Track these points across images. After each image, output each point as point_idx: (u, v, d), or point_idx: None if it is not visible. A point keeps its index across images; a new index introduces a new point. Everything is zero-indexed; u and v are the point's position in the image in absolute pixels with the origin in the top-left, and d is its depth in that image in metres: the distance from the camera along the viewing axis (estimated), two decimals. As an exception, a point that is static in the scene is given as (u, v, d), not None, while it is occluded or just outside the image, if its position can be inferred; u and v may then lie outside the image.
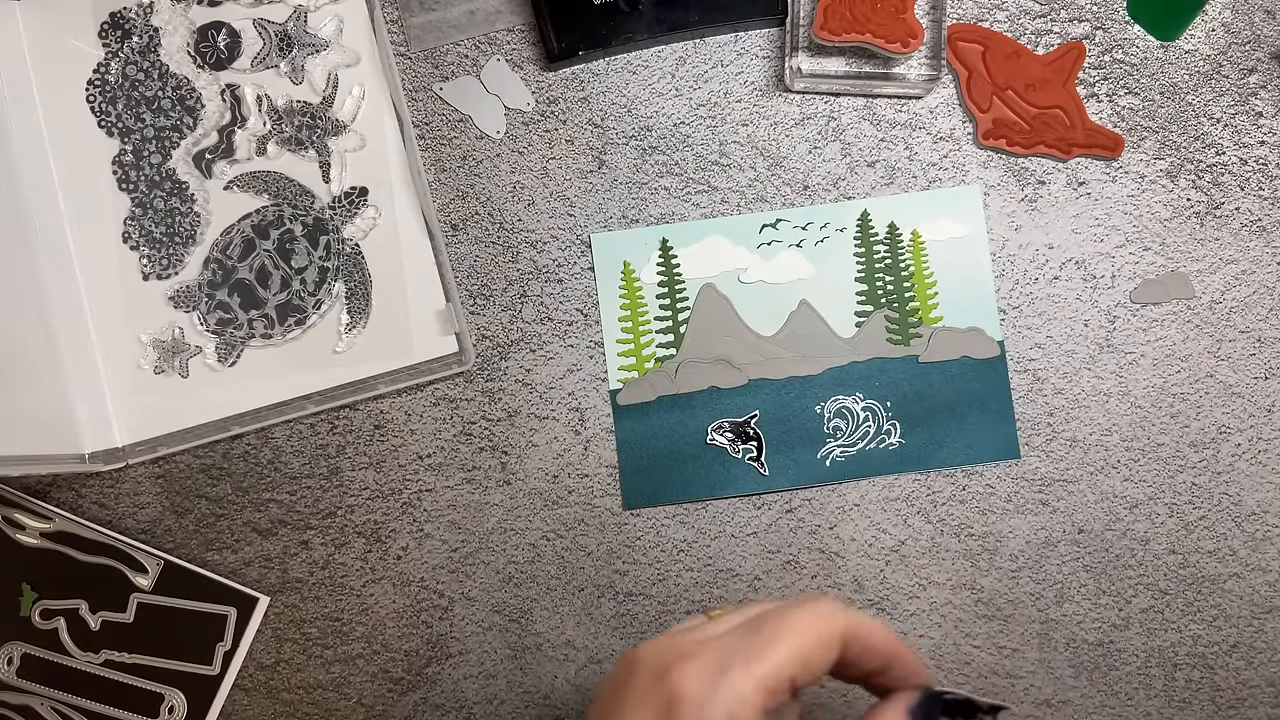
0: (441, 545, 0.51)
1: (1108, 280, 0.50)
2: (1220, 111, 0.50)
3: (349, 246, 0.51)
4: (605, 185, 0.51)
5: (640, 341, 0.51)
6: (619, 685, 0.33)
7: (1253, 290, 0.50)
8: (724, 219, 0.51)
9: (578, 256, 0.51)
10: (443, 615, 0.51)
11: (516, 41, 0.51)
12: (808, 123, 0.51)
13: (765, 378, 0.50)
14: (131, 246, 0.51)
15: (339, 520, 0.51)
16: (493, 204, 0.51)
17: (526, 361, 0.51)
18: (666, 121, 0.51)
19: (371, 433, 0.51)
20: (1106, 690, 0.49)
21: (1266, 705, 0.49)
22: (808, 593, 0.50)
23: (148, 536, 0.51)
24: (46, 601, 0.51)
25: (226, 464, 0.51)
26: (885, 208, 0.50)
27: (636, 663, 0.33)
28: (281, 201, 0.51)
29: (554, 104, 0.51)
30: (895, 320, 0.50)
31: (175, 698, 0.51)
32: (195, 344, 0.51)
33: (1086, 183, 0.50)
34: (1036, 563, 0.50)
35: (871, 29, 0.47)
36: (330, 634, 0.51)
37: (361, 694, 0.51)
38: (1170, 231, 0.50)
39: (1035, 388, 0.50)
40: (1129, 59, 0.50)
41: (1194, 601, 0.49)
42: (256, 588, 0.51)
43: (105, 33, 0.51)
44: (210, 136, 0.51)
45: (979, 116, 0.50)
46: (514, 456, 0.51)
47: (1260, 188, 0.50)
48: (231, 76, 0.51)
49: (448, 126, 0.51)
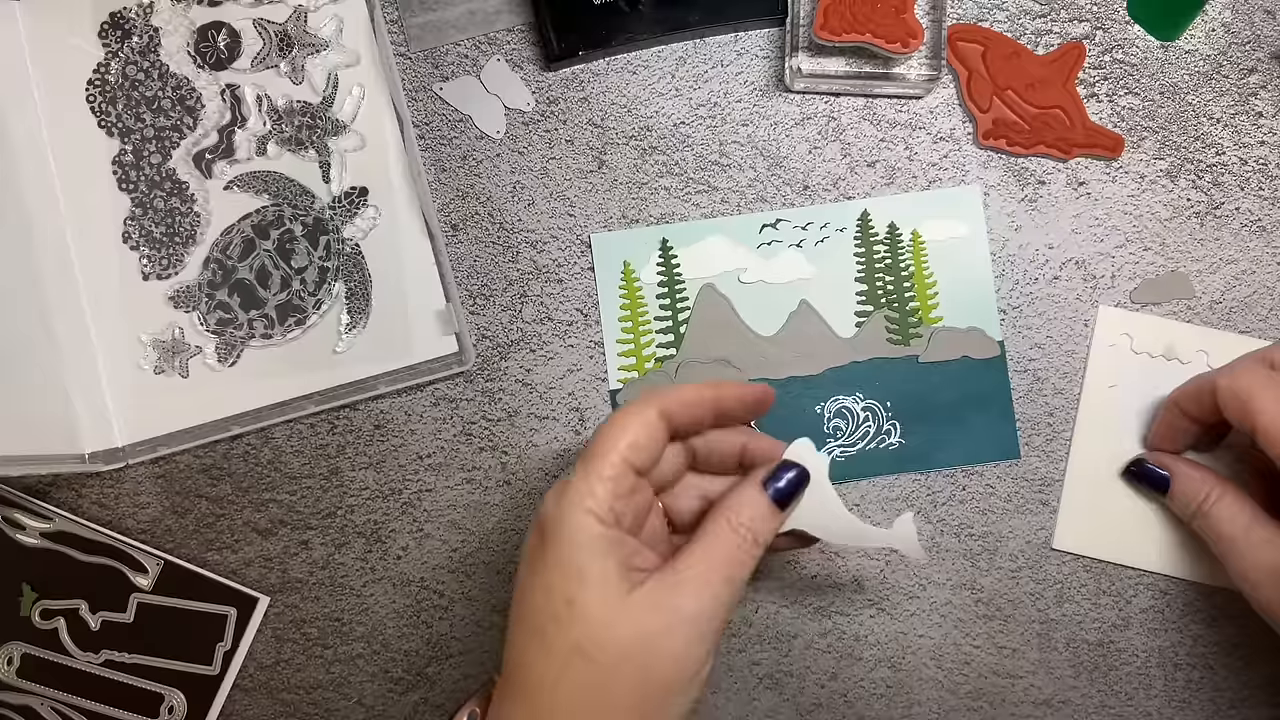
0: (441, 545, 0.51)
1: (1108, 280, 0.50)
2: (1220, 111, 0.50)
3: (349, 246, 0.51)
4: (605, 185, 0.51)
5: (640, 341, 0.51)
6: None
7: (1253, 290, 0.50)
8: (724, 219, 0.51)
9: (578, 256, 0.51)
10: (443, 615, 0.51)
11: (516, 41, 0.51)
12: (808, 123, 0.51)
13: (765, 378, 0.50)
14: (131, 246, 0.51)
15: (339, 520, 0.51)
16: (493, 204, 0.51)
17: (526, 361, 0.51)
18: (666, 121, 0.51)
19: (371, 433, 0.51)
20: (1106, 690, 0.49)
21: (1266, 705, 0.49)
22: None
23: (148, 536, 0.51)
24: (46, 601, 0.51)
25: (226, 464, 0.51)
26: (885, 208, 0.50)
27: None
28: (281, 201, 0.51)
29: (554, 104, 0.51)
30: (895, 320, 0.50)
31: (175, 698, 0.51)
32: (195, 344, 0.51)
33: (1086, 183, 0.50)
34: (1036, 563, 0.50)
35: (871, 29, 0.47)
36: (330, 634, 0.51)
37: (361, 694, 0.51)
38: (1170, 231, 0.50)
39: (1035, 388, 0.50)
40: (1129, 59, 0.50)
41: (1194, 601, 0.49)
42: (256, 588, 0.51)
43: (105, 33, 0.51)
44: (210, 136, 0.51)
45: (979, 116, 0.50)
46: (514, 456, 0.51)
47: (1260, 188, 0.50)
48: (231, 76, 0.51)
49: (448, 126, 0.51)
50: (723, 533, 0.38)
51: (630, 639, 0.35)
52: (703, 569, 0.37)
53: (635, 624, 0.35)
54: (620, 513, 0.37)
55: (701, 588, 0.36)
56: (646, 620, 0.36)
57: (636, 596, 0.36)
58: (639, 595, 0.36)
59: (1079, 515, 0.49)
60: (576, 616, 0.35)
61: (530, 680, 0.36)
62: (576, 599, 0.36)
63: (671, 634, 0.36)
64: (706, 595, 0.36)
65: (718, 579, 0.37)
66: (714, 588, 0.36)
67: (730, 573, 0.37)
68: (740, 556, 0.38)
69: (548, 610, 0.36)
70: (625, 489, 0.37)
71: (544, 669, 0.36)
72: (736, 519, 0.38)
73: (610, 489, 0.37)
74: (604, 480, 0.37)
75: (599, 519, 0.36)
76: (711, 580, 0.37)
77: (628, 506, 0.38)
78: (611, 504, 0.37)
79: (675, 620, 0.36)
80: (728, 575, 0.37)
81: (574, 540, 0.36)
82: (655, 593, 0.36)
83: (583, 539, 0.36)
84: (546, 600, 0.36)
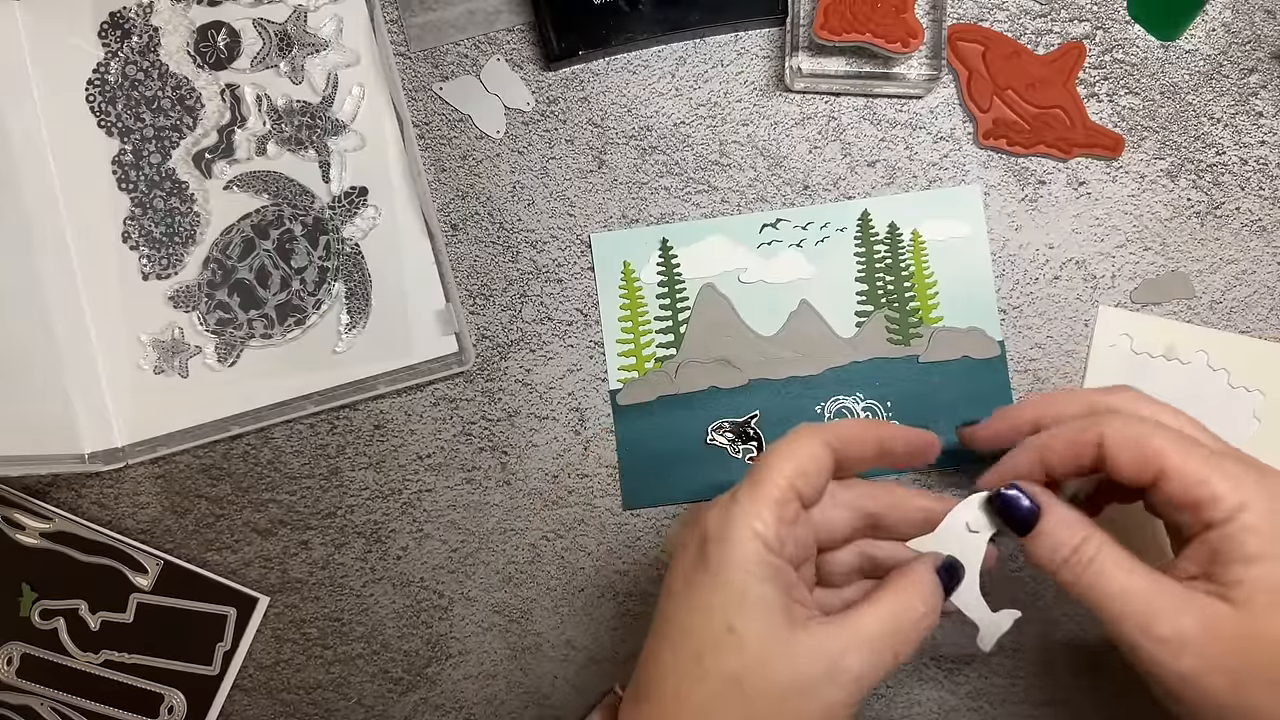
0: (441, 545, 0.51)
1: (1108, 280, 0.50)
2: (1220, 111, 0.50)
3: (349, 246, 0.51)
4: (605, 185, 0.51)
5: (640, 341, 0.51)
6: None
7: (1253, 290, 0.50)
8: (724, 219, 0.51)
9: (578, 256, 0.51)
10: (443, 615, 0.51)
11: (516, 41, 0.51)
12: (808, 122, 0.51)
13: (765, 378, 0.50)
14: (131, 246, 0.51)
15: (339, 520, 0.51)
16: (493, 204, 0.51)
17: (526, 361, 0.51)
18: (666, 121, 0.51)
19: (371, 433, 0.51)
20: (1106, 690, 0.49)
21: (1267, 705, 0.49)
22: None
23: (147, 536, 0.51)
24: (46, 601, 0.51)
25: (226, 464, 0.51)
26: (885, 207, 0.50)
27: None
28: (281, 201, 0.51)
29: (554, 104, 0.51)
30: (895, 320, 0.50)
31: (175, 698, 0.51)
32: (195, 344, 0.51)
33: (1087, 183, 0.50)
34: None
35: (871, 29, 0.47)
36: (330, 634, 0.51)
37: (361, 694, 0.51)
38: (1170, 231, 0.50)
39: (1035, 388, 0.50)
40: (1129, 59, 0.50)
41: (1194, 601, 0.49)
42: (256, 588, 0.51)
43: (105, 32, 0.51)
44: (210, 136, 0.51)
45: (979, 116, 0.50)
46: (514, 456, 0.51)
47: (1260, 188, 0.50)
48: (231, 76, 0.51)
49: (448, 126, 0.51)
50: (912, 602, 0.36)
51: (789, 682, 0.34)
52: (881, 631, 0.35)
53: (796, 669, 0.34)
54: (784, 540, 0.36)
55: (875, 649, 0.35)
56: (810, 667, 0.34)
57: (802, 638, 0.34)
58: (804, 637, 0.35)
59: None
60: (738, 645, 0.34)
61: (679, 704, 0.35)
62: (737, 627, 0.34)
63: (832, 685, 0.34)
64: (876, 659, 0.35)
65: (890, 648, 0.35)
66: (885, 655, 0.35)
67: (900, 648, 0.35)
68: (918, 633, 0.36)
69: (706, 634, 0.35)
70: (790, 515, 0.36)
71: (695, 695, 0.35)
72: (925, 592, 0.37)
73: (776, 513, 0.35)
74: (771, 503, 0.35)
75: (765, 543, 0.35)
76: (886, 646, 0.35)
77: (790, 535, 0.36)
78: (777, 529, 0.35)
79: (839, 673, 0.34)
80: (898, 649, 0.35)
81: (736, 562, 0.35)
82: (822, 638, 0.35)
83: (747, 560, 0.35)
84: (706, 623, 0.35)
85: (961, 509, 0.40)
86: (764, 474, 0.36)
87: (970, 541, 0.39)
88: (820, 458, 0.37)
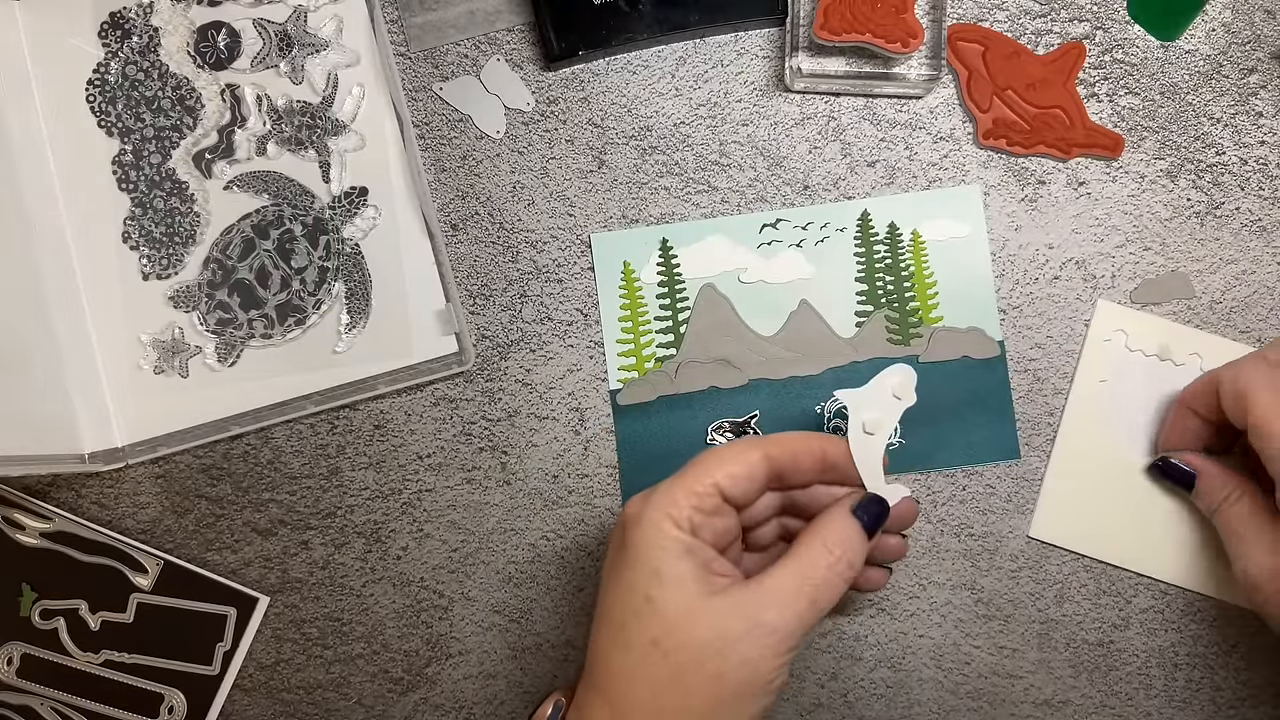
0: (441, 545, 0.51)
1: (1108, 280, 0.50)
2: (1220, 111, 0.50)
3: (349, 246, 0.51)
4: (605, 185, 0.51)
5: (640, 341, 0.51)
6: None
7: (1253, 290, 0.50)
8: (724, 219, 0.51)
9: (578, 256, 0.51)
10: (443, 615, 0.51)
11: (516, 41, 0.51)
12: (808, 123, 0.51)
13: (765, 378, 0.50)
14: (131, 246, 0.51)
15: (339, 520, 0.51)
16: (493, 204, 0.51)
17: (526, 361, 0.51)
18: (666, 121, 0.51)
19: (371, 433, 0.51)
20: (1106, 690, 0.49)
21: (1266, 705, 0.49)
22: None
23: (147, 536, 0.51)
24: (46, 601, 0.51)
25: (226, 464, 0.51)
26: (885, 208, 0.50)
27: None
28: (281, 201, 0.51)
29: (554, 104, 0.51)
30: (895, 320, 0.50)
31: (175, 698, 0.51)
32: (195, 344, 0.51)
33: (1086, 183, 0.50)
34: (1036, 563, 0.50)
35: (871, 29, 0.47)
36: (330, 634, 0.51)
37: (361, 694, 0.51)
38: (1170, 231, 0.50)
39: (1035, 388, 0.50)
40: (1129, 59, 0.50)
41: (1194, 601, 0.49)
42: (256, 588, 0.51)
43: (105, 32, 0.51)
44: (210, 136, 0.51)
45: (979, 116, 0.50)
46: (514, 456, 0.51)
47: (1260, 188, 0.50)
48: (231, 76, 0.51)
49: (448, 126, 0.51)
50: (817, 553, 0.38)
51: (708, 639, 0.36)
52: (792, 584, 0.37)
53: (714, 626, 0.36)
54: (698, 525, 0.38)
55: (787, 602, 0.37)
56: (726, 623, 0.36)
57: (717, 600, 0.37)
58: (720, 599, 0.37)
59: (1058, 506, 0.49)
60: (655, 612, 0.37)
61: (609, 673, 0.38)
62: (655, 596, 0.37)
63: (750, 640, 0.36)
64: (790, 611, 0.37)
65: (805, 597, 0.37)
66: (799, 605, 0.37)
67: (817, 595, 0.38)
68: (831, 578, 0.38)
69: (629, 606, 0.37)
70: (709, 507, 0.38)
71: (622, 662, 0.37)
72: (832, 540, 0.39)
73: (693, 502, 0.38)
74: (689, 493, 0.38)
75: (675, 523, 0.38)
76: (799, 597, 0.37)
77: (707, 523, 0.39)
78: (690, 515, 0.38)
79: (755, 627, 0.36)
80: (814, 597, 0.37)
81: (650, 540, 0.37)
82: (738, 599, 0.37)
83: (659, 540, 0.37)
84: (628, 596, 0.37)
85: (892, 373, 0.42)
86: (689, 469, 0.39)
87: (890, 406, 0.42)
88: (754, 464, 0.39)
